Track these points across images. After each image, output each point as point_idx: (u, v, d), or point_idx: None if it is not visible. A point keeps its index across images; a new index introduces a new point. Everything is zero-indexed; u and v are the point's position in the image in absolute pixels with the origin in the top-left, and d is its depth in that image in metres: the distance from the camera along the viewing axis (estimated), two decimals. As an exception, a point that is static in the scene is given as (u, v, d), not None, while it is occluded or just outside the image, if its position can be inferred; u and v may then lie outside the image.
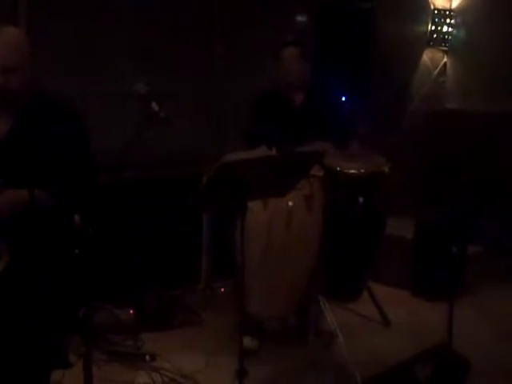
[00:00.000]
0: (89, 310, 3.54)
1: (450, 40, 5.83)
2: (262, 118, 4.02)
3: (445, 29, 5.81)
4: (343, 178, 3.98)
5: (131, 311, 4.06)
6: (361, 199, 3.98)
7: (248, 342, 3.67)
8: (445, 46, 5.86)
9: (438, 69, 5.93)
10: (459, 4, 5.80)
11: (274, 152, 3.09)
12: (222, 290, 4.77)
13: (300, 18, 5.65)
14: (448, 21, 5.80)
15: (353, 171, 4.00)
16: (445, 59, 5.93)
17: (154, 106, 3.02)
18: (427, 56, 5.92)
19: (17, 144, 2.79)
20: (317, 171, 3.77)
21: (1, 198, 2.72)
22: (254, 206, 3.42)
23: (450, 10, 5.82)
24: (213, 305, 4.55)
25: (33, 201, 2.76)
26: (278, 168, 3.03)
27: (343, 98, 4.94)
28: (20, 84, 2.75)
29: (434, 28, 5.81)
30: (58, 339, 3.49)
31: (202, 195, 3.03)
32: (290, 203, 3.73)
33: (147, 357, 3.72)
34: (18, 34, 2.80)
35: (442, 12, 5.81)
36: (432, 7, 5.82)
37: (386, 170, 4.08)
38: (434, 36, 5.82)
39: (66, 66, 4.16)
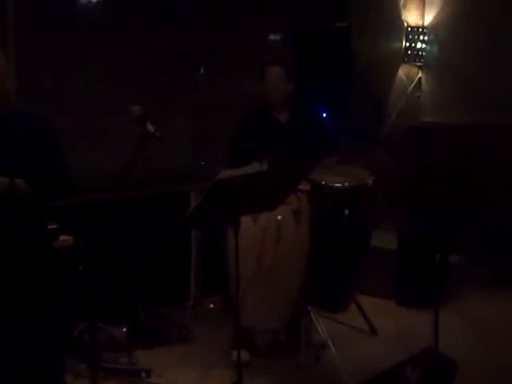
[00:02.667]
0: (88, 330, 3.61)
1: (424, 56, 6.01)
2: (247, 134, 4.09)
3: (418, 45, 5.99)
4: (329, 191, 4.09)
5: (124, 329, 4.09)
6: (346, 212, 4.10)
7: (241, 354, 3.74)
8: (419, 61, 6.04)
9: (413, 84, 6.10)
10: (432, 21, 5.99)
11: (265, 168, 3.17)
12: (212, 305, 4.84)
13: (277, 37, 5.77)
14: (421, 37, 5.98)
15: (338, 185, 4.11)
16: (419, 75, 6.11)
17: (150, 127, 3.10)
18: (402, 72, 6.09)
19: None
20: (303, 185, 3.88)
21: None
22: (245, 221, 3.50)
23: (423, 27, 6.00)
24: (203, 320, 4.62)
25: (13, 186, 2.87)
26: (269, 183, 3.13)
27: (324, 115, 5.05)
28: None
29: (408, 45, 5.99)
30: (53, 359, 3.53)
31: (196, 213, 3.11)
32: (279, 217, 3.83)
33: (143, 373, 3.77)
34: None
35: (416, 29, 5.99)
36: (405, 25, 6.00)
37: (370, 182, 4.20)
38: (409, 52, 6.00)
39: (59, 90, 4.23)
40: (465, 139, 5.67)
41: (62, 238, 3.63)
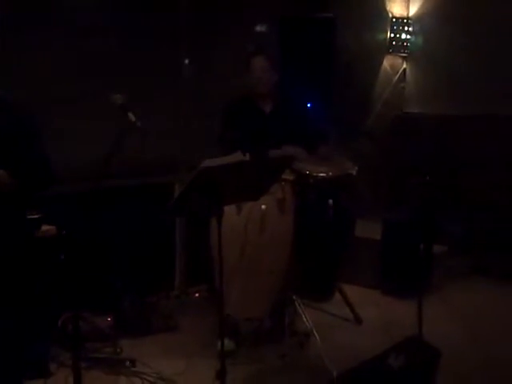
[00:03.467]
0: (71, 320, 3.61)
1: (409, 47, 6.03)
2: (232, 124, 4.09)
3: (403, 36, 6.01)
4: (313, 181, 4.10)
5: (109, 318, 4.09)
6: (330, 201, 4.11)
7: (225, 343, 3.73)
8: (404, 52, 6.06)
9: (398, 75, 6.12)
10: (416, 12, 6.01)
11: (248, 157, 3.18)
12: (197, 295, 4.85)
13: (262, 28, 5.76)
14: (406, 28, 6.00)
15: (322, 174, 4.13)
16: (404, 65, 6.13)
17: (131, 116, 3.09)
18: (387, 63, 6.11)
19: None
20: (287, 175, 3.88)
21: None
22: (229, 210, 3.50)
23: (408, 18, 6.02)
24: (188, 310, 4.62)
25: None
26: (252, 173, 3.13)
27: (309, 105, 5.06)
28: None
29: (392, 35, 6.01)
30: (37, 348, 3.54)
31: (179, 201, 3.11)
32: (263, 207, 3.83)
33: (127, 362, 3.78)
34: None
35: (400, 20, 6.01)
36: (390, 15, 6.02)
37: (354, 172, 4.22)
38: (393, 43, 6.02)
39: (41, 80, 4.20)
40: (449, 129, 5.71)
41: (45, 227, 3.62)
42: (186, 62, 5.02)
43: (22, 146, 3.02)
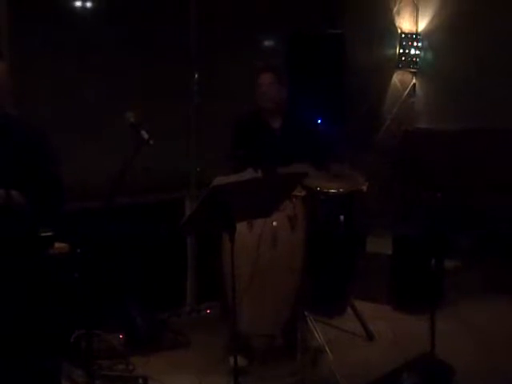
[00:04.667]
0: (84, 337, 3.61)
1: (418, 62, 6.05)
2: (242, 141, 4.10)
3: (412, 51, 6.02)
4: (324, 197, 4.11)
5: (121, 336, 4.10)
6: (341, 217, 4.12)
7: (237, 360, 3.74)
8: (413, 68, 6.08)
9: (408, 90, 6.13)
10: (425, 27, 6.03)
11: (260, 174, 3.19)
12: (208, 311, 4.85)
13: (271, 44, 5.80)
14: (415, 44, 6.02)
15: (333, 191, 4.13)
16: (413, 81, 6.14)
17: (144, 134, 3.10)
18: (396, 78, 6.12)
19: None
20: (298, 191, 3.89)
21: None
22: (240, 227, 3.50)
23: (417, 34, 6.04)
24: (200, 326, 4.63)
25: (9, 198, 2.87)
26: (264, 189, 3.15)
27: (318, 121, 5.07)
28: None
29: (402, 51, 6.03)
30: (50, 366, 3.53)
31: (192, 220, 3.12)
32: (275, 223, 3.84)
33: (140, 380, 3.77)
34: None
35: (409, 36, 6.03)
36: (399, 31, 6.04)
37: (365, 188, 4.22)
38: (403, 59, 6.04)
39: (53, 98, 4.25)
40: (459, 144, 5.70)
41: (58, 245, 3.64)
42: (196, 77, 5.05)
43: (36, 167, 3.02)
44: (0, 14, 4.05)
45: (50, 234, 3.54)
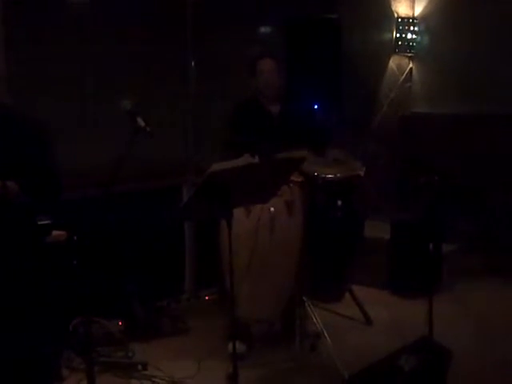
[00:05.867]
0: (83, 324, 3.62)
1: (415, 46, 6.03)
2: (240, 127, 4.09)
3: (409, 36, 6.00)
4: (321, 182, 4.11)
5: (120, 322, 4.10)
6: (339, 202, 4.12)
7: (236, 346, 3.75)
8: (410, 52, 6.06)
9: (404, 75, 6.12)
10: (422, 11, 6.00)
11: (257, 160, 3.19)
12: (207, 297, 4.87)
13: (268, 30, 5.78)
14: (412, 28, 6.00)
15: (330, 176, 4.14)
16: (410, 65, 6.13)
17: (140, 121, 3.10)
18: (393, 63, 6.11)
19: None
20: (296, 177, 3.89)
21: None
22: (238, 213, 3.51)
23: (413, 18, 6.02)
24: (198, 313, 4.64)
25: (4, 188, 2.88)
26: (262, 175, 3.14)
27: (315, 107, 5.06)
28: None
29: (398, 35, 6.01)
30: (50, 353, 3.55)
31: (189, 205, 3.12)
32: (272, 209, 3.84)
33: (139, 366, 3.79)
34: None
35: (406, 20, 6.00)
36: (396, 15, 6.02)
37: (362, 173, 4.22)
38: (399, 43, 6.02)
39: (51, 86, 4.22)
40: (456, 129, 5.70)
41: (55, 233, 3.64)
42: (193, 64, 5.03)
43: (33, 157, 3.02)
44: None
45: (47, 222, 3.54)
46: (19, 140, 3.01)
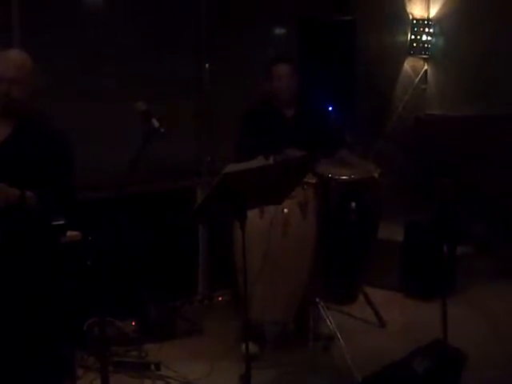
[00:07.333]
0: (97, 325, 3.64)
1: (430, 48, 6.01)
2: (254, 130, 4.10)
3: (424, 38, 5.98)
4: (335, 184, 4.11)
5: (133, 322, 4.12)
6: (353, 204, 4.11)
7: (249, 347, 3.75)
8: (425, 54, 6.04)
9: (419, 76, 6.10)
10: (437, 13, 5.98)
11: (271, 161, 3.19)
12: (220, 298, 4.87)
13: (282, 31, 5.78)
14: (427, 30, 5.98)
15: (344, 177, 4.13)
16: (425, 67, 6.11)
17: (154, 122, 3.10)
18: (408, 64, 6.09)
19: (9, 152, 3.01)
20: (310, 178, 3.89)
21: None
22: (251, 214, 3.51)
23: (429, 20, 6.00)
24: (212, 314, 4.64)
25: (23, 199, 2.92)
26: (276, 177, 3.14)
27: (330, 108, 5.06)
28: (22, 96, 3.02)
29: (413, 37, 5.99)
30: (64, 353, 3.57)
31: (203, 207, 3.13)
32: (286, 210, 3.84)
33: (152, 366, 3.80)
34: (23, 54, 3.12)
35: (421, 21, 5.98)
36: (411, 17, 6.00)
37: (376, 175, 4.21)
38: (414, 45, 6.00)
39: (64, 89, 4.25)
40: (471, 131, 5.67)
41: (70, 233, 3.66)
42: (207, 66, 5.05)
43: (56, 172, 3.05)
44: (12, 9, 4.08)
45: (62, 222, 3.56)
46: (45, 154, 3.04)
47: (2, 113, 3.02)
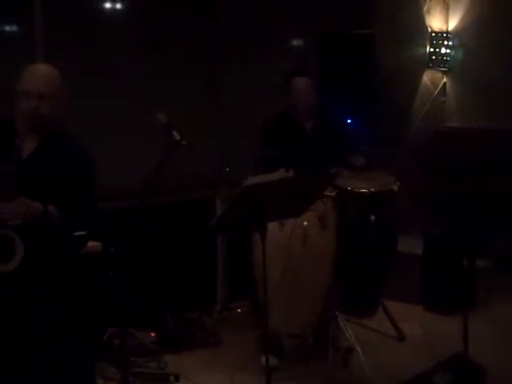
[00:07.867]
0: (117, 335, 3.66)
1: (449, 61, 6.00)
2: (273, 142, 4.12)
3: (443, 50, 5.97)
4: (354, 197, 4.11)
5: (152, 334, 4.14)
6: (372, 217, 4.11)
7: (269, 359, 3.76)
8: (444, 67, 6.02)
9: (438, 89, 6.08)
10: (456, 26, 5.97)
11: (291, 174, 3.20)
12: (239, 310, 4.88)
13: (301, 44, 5.81)
14: (446, 43, 5.97)
15: (363, 190, 4.13)
16: (444, 80, 6.09)
17: (176, 134, 3.13)
18: (427, 77, 6.08)
19: (34, 167, 3.02)
20: (329, 191, 3.90)
21: (17, 203, 2.86)
22: (271, 227, 3.52)
23: (447, 32, 5.99)
24: (231, 325, 4.66)
25: (45, 213, 2.92)
26: (296, 189, 3.15)
27: (349, 121, 5.07)
28: (50, 111, 3.01)
29: (432, 50, 5.98)
30: (84, 364, 3.58)
31: (223, 218, 3.14)
32: (305, 223, 3.85)
33: (171, 377, 3.82)
34: (52, 68, 3.11)
35: (440, 34, 5.98)
36: (429, 30, 6.00)
37: (396, 188, 4.21)
38: (433, 58, 5.99)
39: (87, 100, 4.28)
40: (490, 143, 5.65)
41: (91, 244, 3.69)
42: (227, 79, 5.08)
43: (77, 187, 3.06)
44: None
45: (83, 233, 3.59)
46: (69, 170, 3.04)
47: (30, 128, 3.02)
